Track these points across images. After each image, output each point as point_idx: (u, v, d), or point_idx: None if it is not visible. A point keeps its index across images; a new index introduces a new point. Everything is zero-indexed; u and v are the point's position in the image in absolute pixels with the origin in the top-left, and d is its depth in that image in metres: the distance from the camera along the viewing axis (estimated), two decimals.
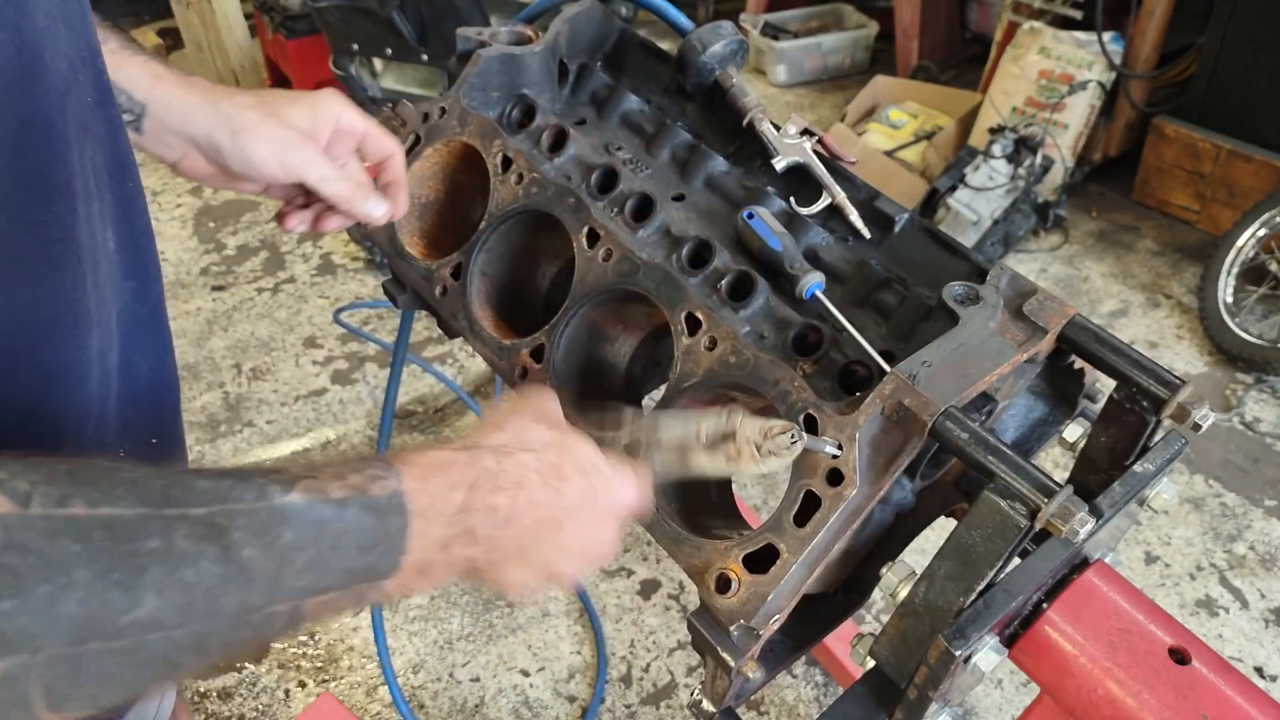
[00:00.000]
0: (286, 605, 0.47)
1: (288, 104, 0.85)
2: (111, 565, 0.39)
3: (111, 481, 0.42)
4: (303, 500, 0.48)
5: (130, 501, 0.42)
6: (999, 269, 0.85)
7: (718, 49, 1.00)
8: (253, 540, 0.45)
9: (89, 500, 0.40)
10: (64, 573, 0.38)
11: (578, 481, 0.65)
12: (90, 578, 0.38)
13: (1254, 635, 2.14)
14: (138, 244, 0.67)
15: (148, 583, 0.40)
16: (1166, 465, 0.82)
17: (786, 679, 2.07)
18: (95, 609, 0.39)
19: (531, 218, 0.99)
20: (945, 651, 0.70)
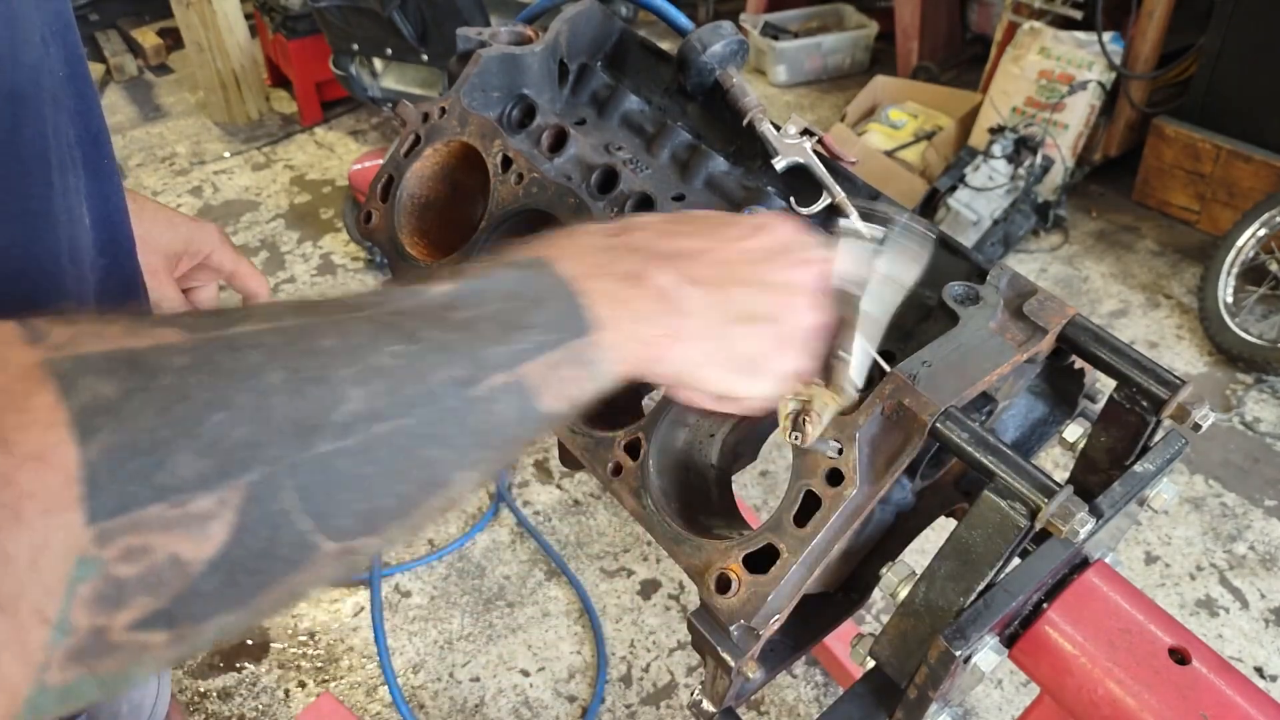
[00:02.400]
0: (502, 375, 0.44)
1: (164, 226, 0.86)
2: (299, 365, 0.38)
3: (262, 309, 0.41)
4: (451, 284, 0.46)
5: (291, 315, 0.41)
6: (999, 269, 0.85)
7: (718, 49, 1.00)
8: (429, 321, 0.43)
9: (251, 320, 0.39)
10: (258, 377, 0.37)
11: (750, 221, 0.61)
12: (284, 378, 0.37)
13: (1254, 635, 2.14)
14: (110, 220, 0.67)
15: (342, 376, 0.39)
16: (1167, 465, 0.82)
17: (786, 679, 2.07)
18: (304, 407, 0.37)
19: (532, 217, 0.99)
20: (945, 651, 0.70)
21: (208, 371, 0.36)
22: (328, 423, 0.38)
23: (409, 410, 0.41)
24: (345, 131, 4.18)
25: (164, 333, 0.37)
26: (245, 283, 0.95)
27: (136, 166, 3.96)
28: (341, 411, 0.38)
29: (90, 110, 0.63)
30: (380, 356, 0.41)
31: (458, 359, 0.43)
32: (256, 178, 3.89)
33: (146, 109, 4.42)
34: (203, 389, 0.36)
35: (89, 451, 0.33)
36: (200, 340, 0.37)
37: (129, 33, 4.79)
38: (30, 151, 0.54)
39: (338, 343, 0.40)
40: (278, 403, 0.37)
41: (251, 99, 4.25)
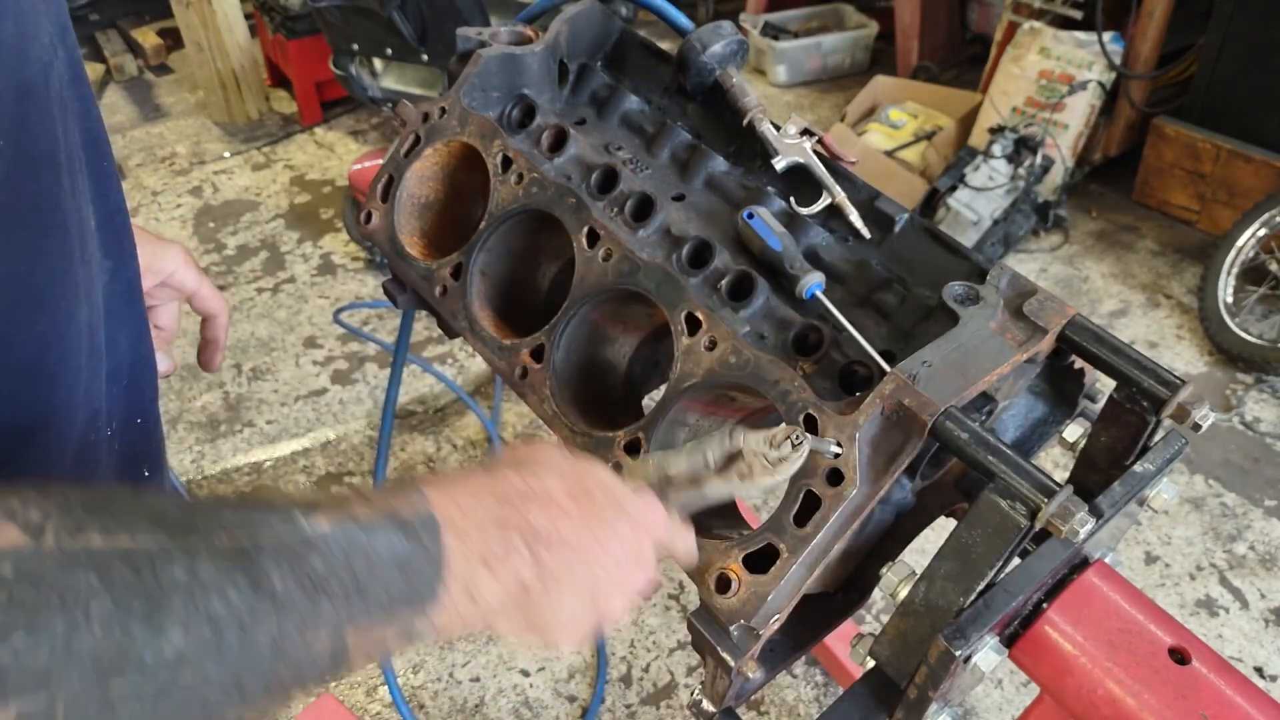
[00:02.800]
0: (325, 637, 0.45)
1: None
2: (131, 597, 0.37)
3: (130, 511, 0.40)
4: (330, 525, 0.46)
5: (151, 531, 0.40)
6: (999, 269, 0.85)
7: (718, 49, 1.00)
8: (282, 568, 0.43)
9: (105, 529, 0.38)
10: (80, 606, 0.36)
11: (606, 500, 0.62)
12: (109, 611, 0.36)
13: (1254, 635, 2.14)
14: (113, 222, 0.67)
15: (172, 616, 0.38)
16: (1166, 465, 0.82)
17: (786, 679, 2.07)
18: (117, 644, 0.36)
19: (531, 218, 0.99)
20: (945, 651, 0.70)
21: (30, 587, 0.35)
22: (132, 665, 0.37)
23: (220, 660, 0.40)
24: (345, 131, 4.18)
25: (9, 532, 0.36)
26: (205, 304, 0.94)
27: (136, 166, 3.96)
28: (152, 653, 0.37)
29: (90, 113, 0.63)
30: (218, 603, 0.40)
31: (291, 617, 0.43)
32: (256, 178, 3.89)
33: (146, 109, 4.41)
34: (14, 609, 0.34)
35: None
36: (45, 549, 0.36)
37: (129, 33, 4.79)
38: (40, 150, 0.54)
39: (184, 577, 0.39)
40: (88, 637, 0.36)
41: (251, 99, 4.25)
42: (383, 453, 1.74)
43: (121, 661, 0.37)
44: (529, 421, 2.72)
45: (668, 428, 0.87)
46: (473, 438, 2.69)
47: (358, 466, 2.60)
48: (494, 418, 2.73)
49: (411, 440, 2.68)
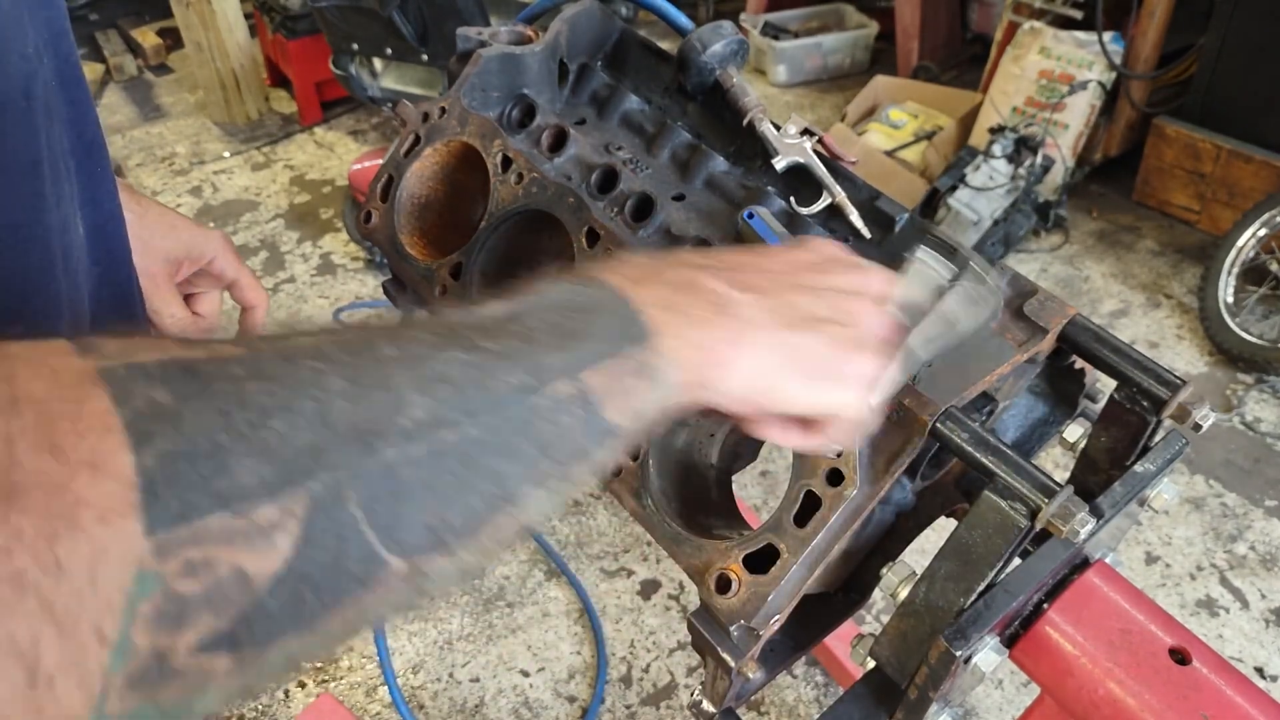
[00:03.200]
0: (565, 383, 0.43)
1: (165, 230, 0.86)
2: (359, 372, 0.37)
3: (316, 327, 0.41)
4: (503, 303, 0.46)
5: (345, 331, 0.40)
6: (1000, 269, 0.85)
7: (718, 49, 1.00)
8: (482, 332, 0.43)
9: (306, 336, 0.39)
10: (318, 385, 0.36)
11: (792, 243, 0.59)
12: (345, 385, 0.36)
13: (1255, 635, 2.14)
14: (104, 229, 0.67)
15: (403, 381, 0.38)
16: (1167, 465, 0.82)
17: (787, 679, 2.07)
18: (367, 414, 0.37)
19: (532, 217, 0.99)
20: (946, 652, 0.70)
21: (266, 378, 0.35)
22: (391, 429, 0.37)
23: (473, 418, 0.40)
24: (345, 131, 4.18)
25: (219, 347, 0.36)
26: (245, 294, 0.95)
27: (136, 166, 3.96)
28: (405, 418, 0.37)
29: (83, 117, 0.63)
30: (441, 364, 0.40)
31: (518, 367, 0.42)
32: (256, 178, 3.89)
33: (146, 109, 4.42)
34: (262, 395, 0.35)
35: (145, 458, 0.31)
36: (256, 352, 0.37)
37: (128, 32, 4.80)
38: (14, 161, 0.53)
39: (397, 351, 0.39)
40: (340, 409, 0.36)
41: (251, 99, 4.25)
42: None
43: (380, 429, 0.37)
44: None
45: (668, 428, 0.87)
46: None
47: None
48: None
49: None
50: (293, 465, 0.34)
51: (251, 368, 0.36)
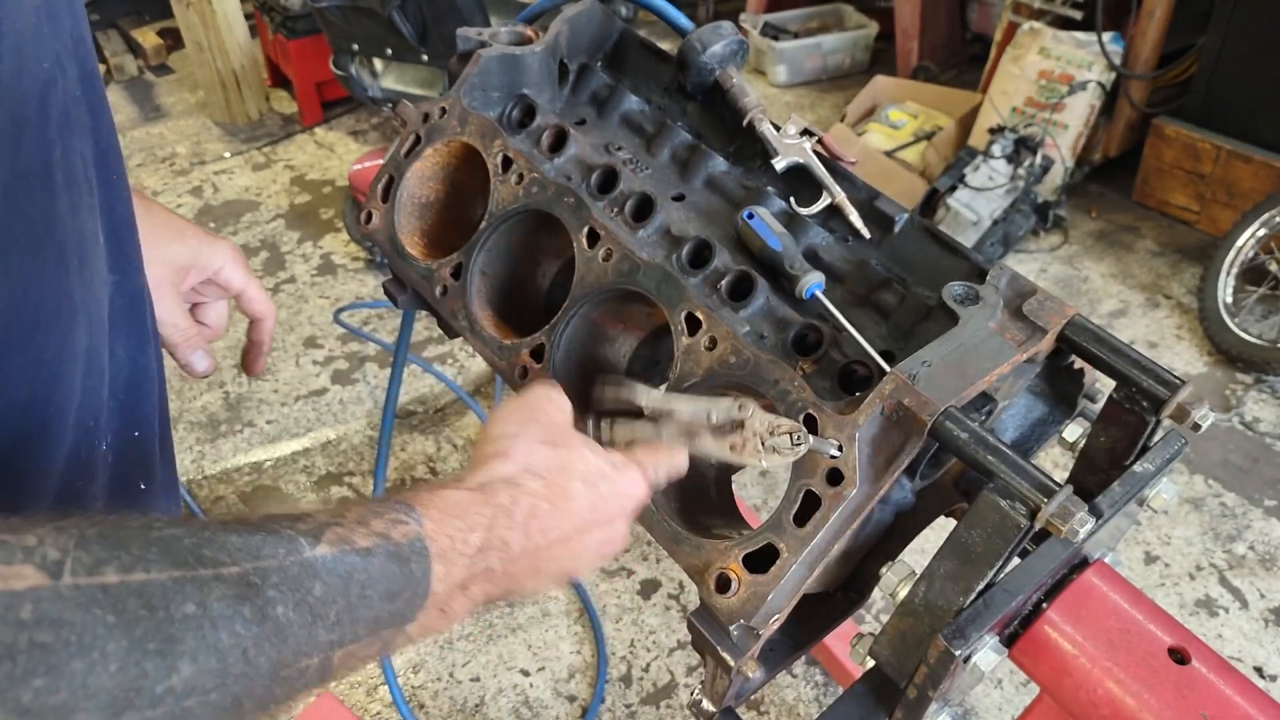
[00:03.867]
0: (317, 659, 0.48)
1: (173, 237, 0.86)
2: (146, 635, 0.39)
3: (143, 542, 0.41)
4: (331, 552, 0.49)
5: (163, 564, 0.41)
6: (999, 269, 0.85)
7: (718, 49, 1.00)
8: (285, 597, 0.45)
9: (121, 565, 0.39)
10: (98, 646, 0.37)
11: (586, 497, 0.67)
12: (125, 649, 0.38)
13: (1253, 635, 2.15)
14: (118, 234, 0.67)
15: (183, 649, 0.40)
16: (1166, 465, 0.82)
17: (786, 678, 2.07)
18: (131, 679, 0.38)
19: (532, 217, 0.99)
20: (945, 651, 0.70)
21: (51, 630, 0.36)
22: (145, 696, 0.39)
23: (222, 685, 0.42)
24: (345, 131, 4.18)
25: (25, 571, 0.37)
26: (252, 305, 0.95)
27: (137, 166, 3.96)
28: (162, 686, 0.39)
29: (100, 125, 0.63)
30: (227, 635, 0.42)
31: (291, 644, 0.45)
32: (257, 178, 3.89)
33: (147, 109, 4.42)
34: (35, 651, 0.35)
35: None
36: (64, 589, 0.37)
37: (129, 32, 4.80)
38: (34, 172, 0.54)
39: (195, 611, 0.41)
40: (105, 674, 0.37)
41: (251, 99, 4.25)
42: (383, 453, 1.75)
43: (134, 696, 0.38)
44: None
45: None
46: (473, 437, 2.69)
47: (358, 466, 2.60)
48: None
49: (411, 440, 2.68)
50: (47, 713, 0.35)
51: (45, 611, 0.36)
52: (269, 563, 0.45)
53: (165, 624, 0.39)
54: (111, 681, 0.37)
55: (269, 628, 0.44)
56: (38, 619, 0.36)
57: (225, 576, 0.43)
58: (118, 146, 0.66)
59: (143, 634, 0.38)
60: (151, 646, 0.39)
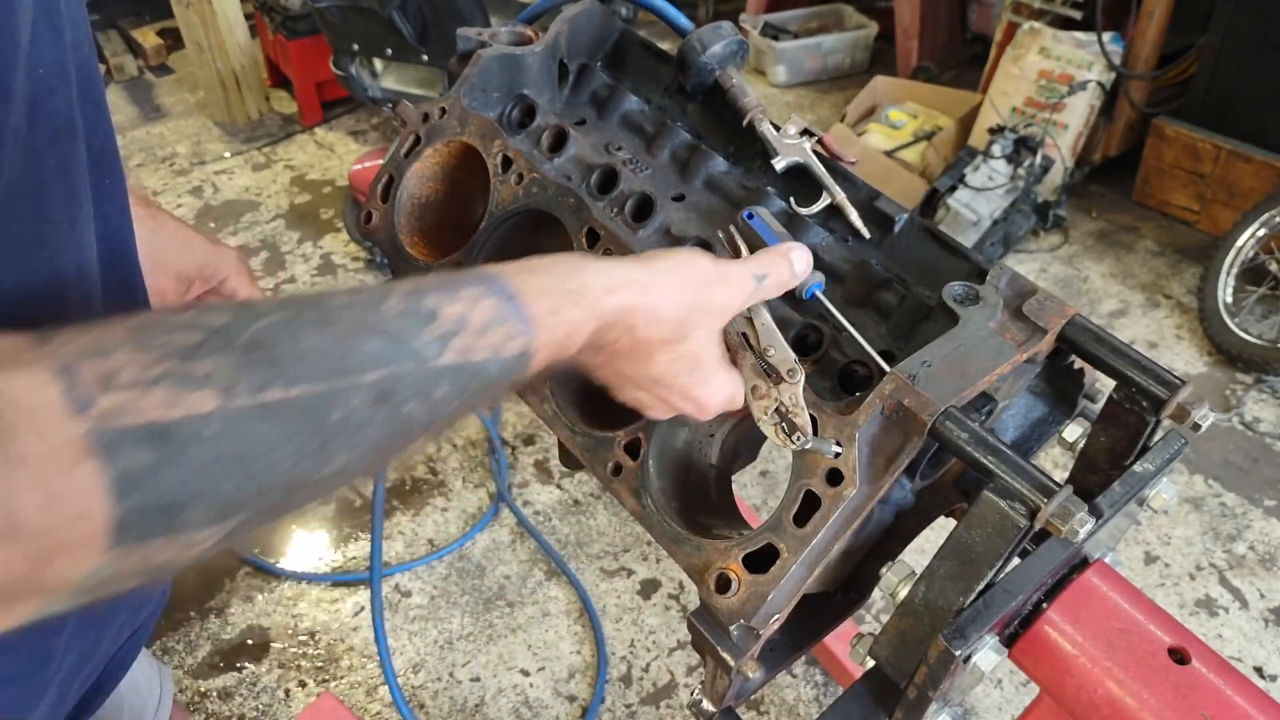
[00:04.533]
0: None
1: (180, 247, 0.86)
2: (306, 441, 0.46)
3: (295, 356, 0.47)
4: (454, 362, 0.54)
5: (314, 376, 0.47)
6: (999, 269, 0.85)
7: (718, 49, 1.00)
8: (414, 399, 0.51)
9: (281, 383, 0.45)
10: (271, 452, 0.45)
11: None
12: (292, 452, 0.45)
13: (1254, 635, 2.15)
14: (113, 238, 0.67)
15: (335, 447, 0.48)
16: (1166, 465, 0.82)
17: (786, 679, 2.07)
18: (297, 473, 0.46)
19: (532, 217, 0.99)
20: (945, 651, 0.70)
21: (232, 440, 0.43)
22: (308, 481, 0.47)
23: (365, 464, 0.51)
24: (345, 131, 4.18)
25: (201, 398, 0.43)
26: None
27: (137, 166, 3.96)
28: (320, 474, 0.47)
29: (95, 130, 0.63)
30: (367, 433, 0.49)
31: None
32: (257, 178, 3.89)
33: (147, 109, 4.42)
34: (222, 461, 0.43)
35: (120, 509, 0.39)
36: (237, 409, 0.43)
37: (129, 33, 4.80)
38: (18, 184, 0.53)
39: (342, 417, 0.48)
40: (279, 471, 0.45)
41: (252, 99, 4.25)
42: None
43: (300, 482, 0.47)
44: (529, 421, 2.73)
45: (668, 428, 0.88)
46: (473, 437, 2.69)
47: None
48: (494, 418, 2.73)
49: None
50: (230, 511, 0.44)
51: (222, 426, 0.43)
52: (400, 368, 0.51)
53: (321, 431, 0.47)
54: (284, 476, 0.46)
55: (399, 425, 0.51)
56: (219, 434, 0.43)
57: (365, 384, 0.49)
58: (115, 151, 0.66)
59: (304, 441, 0.46)
60: (311, 449, 0.46)
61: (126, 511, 0.40)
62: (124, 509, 0.39)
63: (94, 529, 0.39)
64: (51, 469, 0.38)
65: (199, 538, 0.43)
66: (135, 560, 0.41)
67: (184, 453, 0.41)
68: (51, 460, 0.38)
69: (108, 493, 0.39)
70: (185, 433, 0.41)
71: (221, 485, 0.43)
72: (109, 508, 0.39)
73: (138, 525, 0.40)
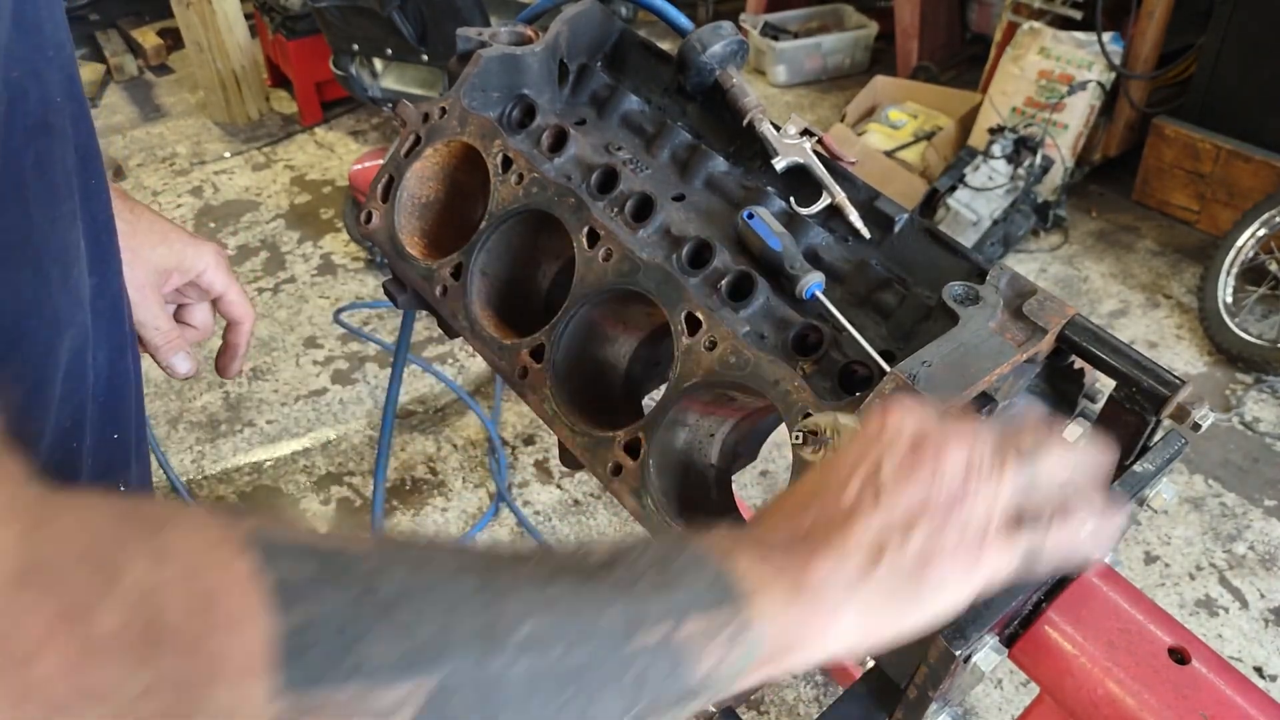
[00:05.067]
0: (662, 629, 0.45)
1: (157, 240, 0.85)
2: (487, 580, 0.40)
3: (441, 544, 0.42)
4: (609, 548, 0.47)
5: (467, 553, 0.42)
6: (999, 269, 0.85)
7: (718, 49, 1.00)
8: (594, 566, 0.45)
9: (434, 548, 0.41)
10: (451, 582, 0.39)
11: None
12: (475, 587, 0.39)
13: (1253, 635, 2.15)
14: (98, 239, 0.66)
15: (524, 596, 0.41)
16: (1166, 465, 0.82)
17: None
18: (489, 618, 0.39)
19: (532, 218, 0.99)
20: (945, 651, 0.70)
21: (401, 566, 0.37)
22: (508, 639, 0.39)
23: (576, 648, 0.41)
24: (345, 132, 4.18)
25: (352, 539, 0.38)
26: (232, 308, 0.94)
27: (137, 166, 3.96)
28: (520, 633, 0.39)
29: (80, 129, 0.62)
30: (556, 589, 0.42)
31: (622, 603, 0.44)
32: (257, 178, 3.89)
33: (147, 109, 4.42)
34: (397, 581, 0.36)
35: (288, 620, 0.33)
36: (387, 548, 0.39)
37: (129, 33, 4.80)
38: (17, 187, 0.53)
39: (518, 568, 0.42)
40: (465, 610, 0.38)
41: (251, 99, 4.25)
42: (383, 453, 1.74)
43: (497, 637, 0.39)
44: (529, 421, 2.73)
45: (668, 427, 0.87)
46: (473, 438, 2.69)
47: (358, 466, 2.60)
48: (494, 418, 2.73)
49: (411, 440, 2.68)
50: (420, 653, 0.35)
51: (386, 558, 0.37)
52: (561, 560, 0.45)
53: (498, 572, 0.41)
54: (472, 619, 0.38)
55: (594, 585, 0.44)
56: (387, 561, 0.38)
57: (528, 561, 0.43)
58: (97, 149, 0.66)
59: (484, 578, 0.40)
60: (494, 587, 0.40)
61: (296, 625, 0.32)
62: (291, 620, 0.32)
63: (255, 647, 0.32)
64: (202, 562, 0.32)
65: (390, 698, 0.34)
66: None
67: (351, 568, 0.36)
68: (202, 554, 0.32)
69: (270, 594, 0.32)
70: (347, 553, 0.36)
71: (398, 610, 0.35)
72: (271, 614, 0.32)
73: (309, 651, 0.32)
